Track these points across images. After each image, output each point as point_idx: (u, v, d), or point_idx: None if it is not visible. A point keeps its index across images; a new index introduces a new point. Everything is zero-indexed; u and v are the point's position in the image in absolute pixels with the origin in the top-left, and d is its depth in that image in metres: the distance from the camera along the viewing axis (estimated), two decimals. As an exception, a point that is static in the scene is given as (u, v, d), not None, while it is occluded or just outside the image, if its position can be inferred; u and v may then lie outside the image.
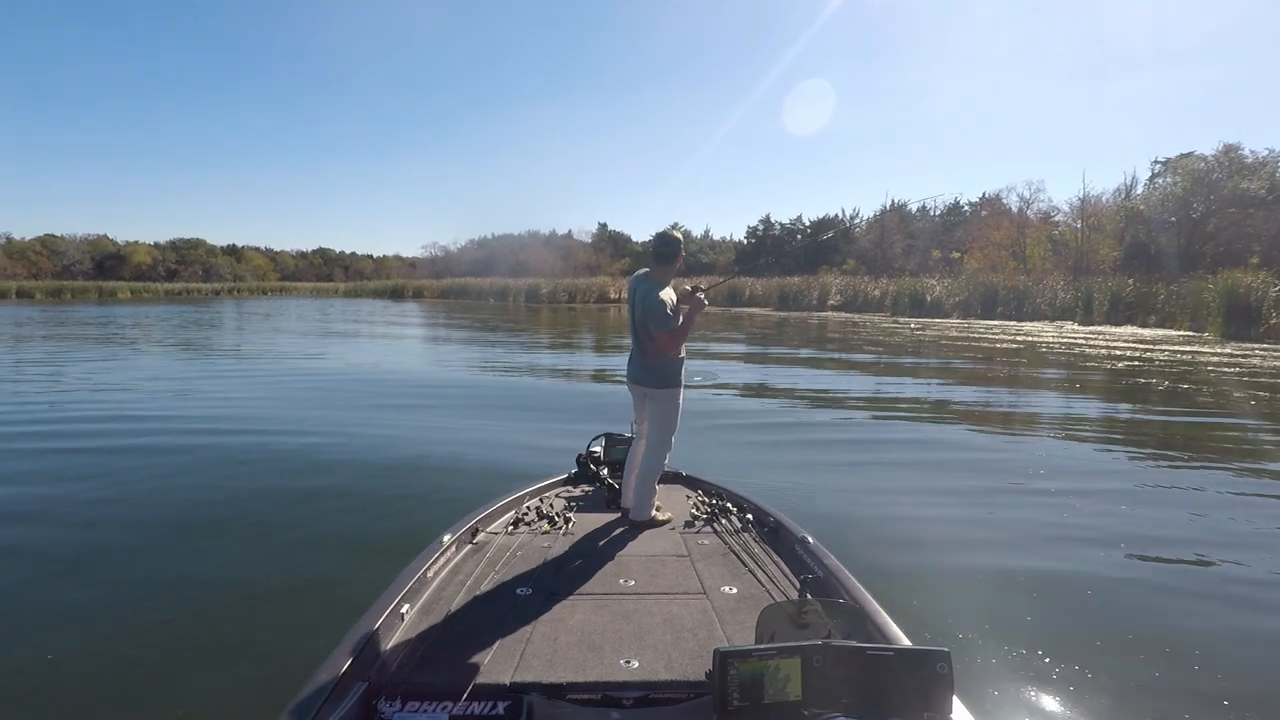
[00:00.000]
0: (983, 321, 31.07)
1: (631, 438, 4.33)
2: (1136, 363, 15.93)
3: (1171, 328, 25.74)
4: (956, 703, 1.77)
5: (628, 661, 2.27)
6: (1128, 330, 25.67)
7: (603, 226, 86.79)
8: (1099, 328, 26.89)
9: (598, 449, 4.70)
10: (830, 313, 38.96)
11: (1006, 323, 30.28)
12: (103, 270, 78.19)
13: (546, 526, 3.63)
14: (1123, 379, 13.44)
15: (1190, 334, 23.74)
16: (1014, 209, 50.04)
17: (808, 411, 10.29)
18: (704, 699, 2.06)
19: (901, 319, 33.43)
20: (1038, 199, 49.00)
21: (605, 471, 4.42)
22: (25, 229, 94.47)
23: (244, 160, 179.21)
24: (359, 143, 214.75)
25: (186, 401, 10.31)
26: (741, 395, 11.57)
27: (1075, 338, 22.82)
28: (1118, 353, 18.07)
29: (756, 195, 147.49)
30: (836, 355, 18.16)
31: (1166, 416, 9.80)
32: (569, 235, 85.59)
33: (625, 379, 3.99)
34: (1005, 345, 20.50)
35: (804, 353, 18.92)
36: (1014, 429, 9.22)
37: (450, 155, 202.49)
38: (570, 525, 3.69)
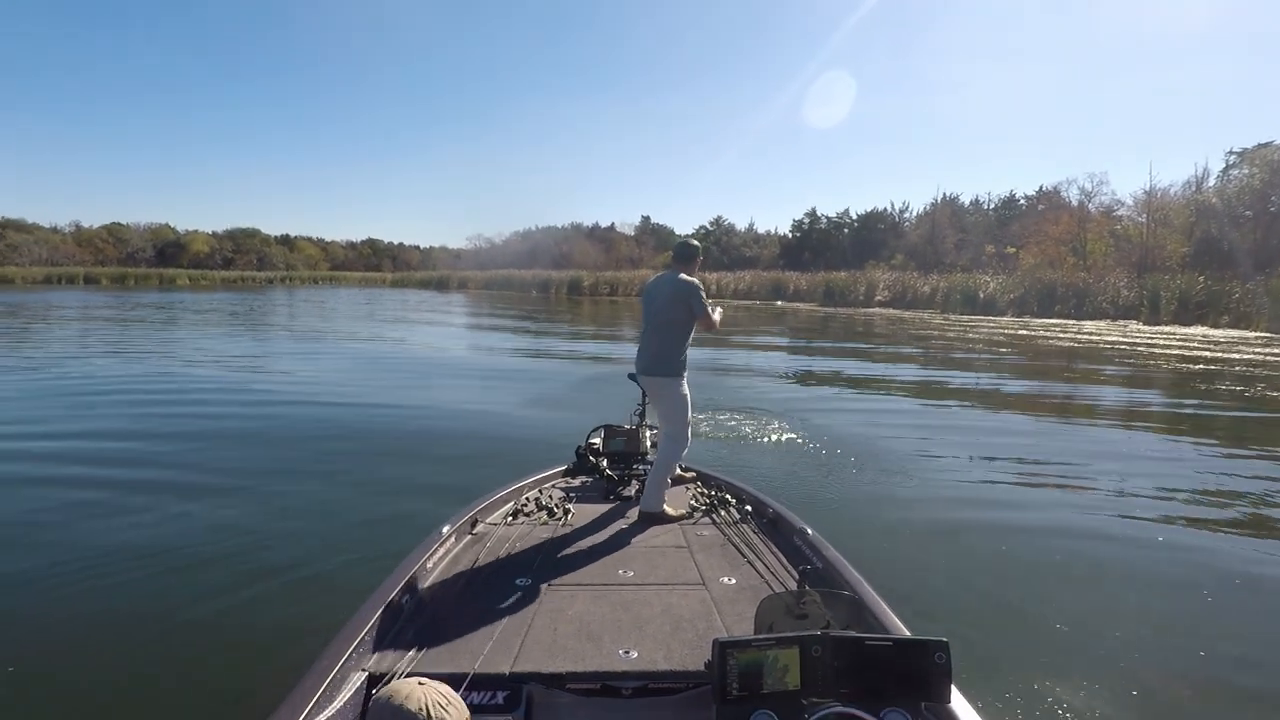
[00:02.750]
0: (1039, 320, 29.87)
1: (631, 429, 4.59)
2: (1212, 365, 15.02)
3: (1247, 328, 24.30)
4: (955, 692, 1.77)
5: (627, 652, 2.26)
6: (1198, 331, 24.34)
7: (645, 219, 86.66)
8: (1166, 328, 25.58)
9: (596, 440, 4.70)
10: (878, 309, 38.01)
11: (1065, 321, 29.05)
12: (164, 257, 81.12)
13: (545, 517, 3.63)
14: (1196, 382, 12.66)
15: (1270, 335, 22.36)
16: (1074, 202, 48.01)
17: (815, 403, 10.17)
18: (703, 689, 2.05)
19: (953, 316, 32.41)
20: (1100, 192, 46.87)
21: (604, 463, 4.41)
22: (94, 217, 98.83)
23: (297, 151, 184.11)
24: (405, 134, 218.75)
25: (189, 386, 10.45)
26: (758, 384, 11.53)
27: (1141, 338, 21.73)
28: (1190, 354, 17.09)
29: (802, 187, 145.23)
30: (871, 347, 17.59)
31: (1227, 413, 9.14)
32: (611, 228, 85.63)
33: (634, 372, 4.10)
34: (1064, 344, 19.60)
35: (843, 346, 18.39)
36: (1035, 422, 8.94)
37: (495, 147, 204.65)
38: (569, 516, 3.68)
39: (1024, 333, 23.70)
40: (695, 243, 4.03)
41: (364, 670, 2.08)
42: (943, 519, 5.14)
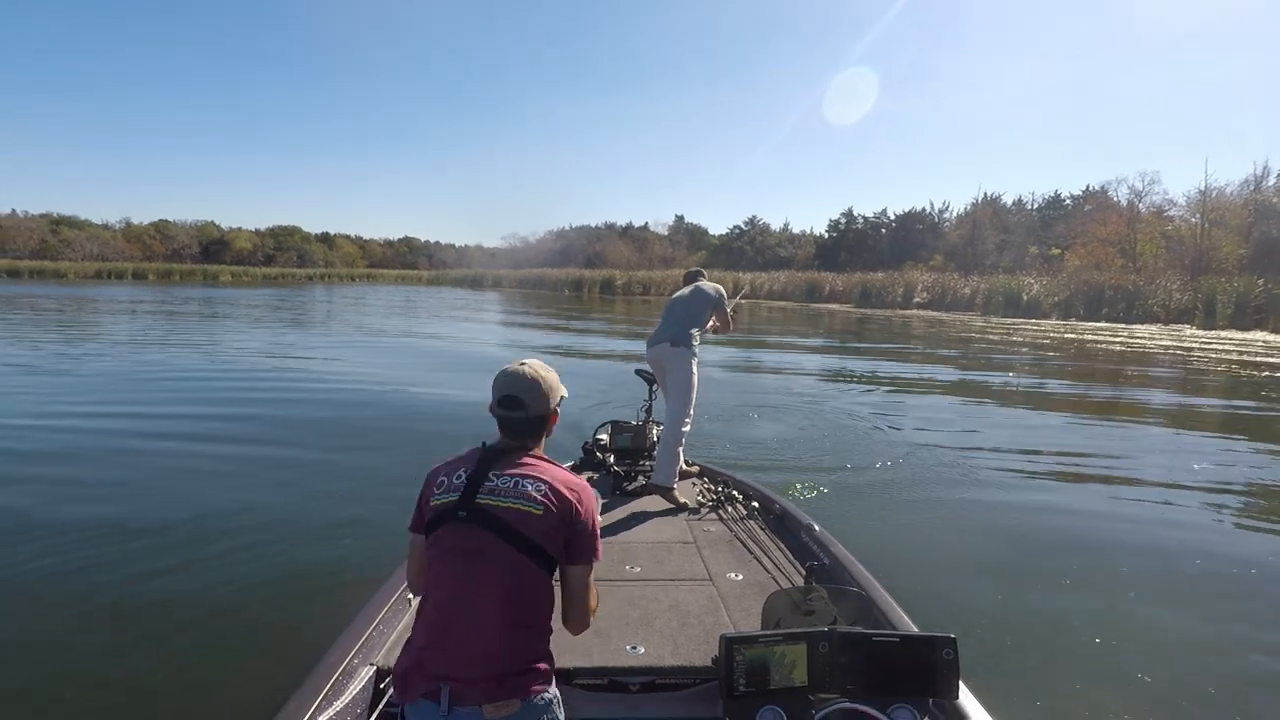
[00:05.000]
0: (1086, 323, 28.88)
1: (638, 425, 4.60)
2: (1277, 374, 14.26)
3: (1311, 334, 23.14)
4: (962, 688, 1.77)
5: (634, 647, 2.27)
6: (1258, 336, 23.24)
7: (679, 219, 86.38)
8: (1223, 333, 24.49)
9: (604, 436, 4.68)
10: (916, 310, 37.17)
11: (1114, 325, 28.02)
12: (208, 254, 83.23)
13: None
14: (1253, 389, 11.99)
15: (1335, 342, 21.25)
16: (1123, 203, 46.40)
17: (820, 398, 10.04)
18: (710, 684, 2.05)
19: (994, 318, 31.52)
20: (1151, 192, 45.13)
21: (611, 459, 4.40)
22: (143, 214, 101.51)
23: (337, 147, 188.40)
24: (438, 131, 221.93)
25: (199, 387, 10.42)
26: (781, 382, 11.47)
27: (1197, 344, 20.81)
28: (1253, 361, 16.28)
29: (838, 187, 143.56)
30: (904, 348, 17.12)
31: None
32: (645, 228, 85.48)
33: (646, 354, 4.29)
34: (1113, 349, 18.86)
35: (878, 344, 17.93)
36: (1055, 423, 8.77)
37: (527, 144, 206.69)
38: None
39: (1070, 336, 22.92)
40: (696, 269, 4.65)
41: (372, 664, 2.09)
42: (951, 516, 5.08)
